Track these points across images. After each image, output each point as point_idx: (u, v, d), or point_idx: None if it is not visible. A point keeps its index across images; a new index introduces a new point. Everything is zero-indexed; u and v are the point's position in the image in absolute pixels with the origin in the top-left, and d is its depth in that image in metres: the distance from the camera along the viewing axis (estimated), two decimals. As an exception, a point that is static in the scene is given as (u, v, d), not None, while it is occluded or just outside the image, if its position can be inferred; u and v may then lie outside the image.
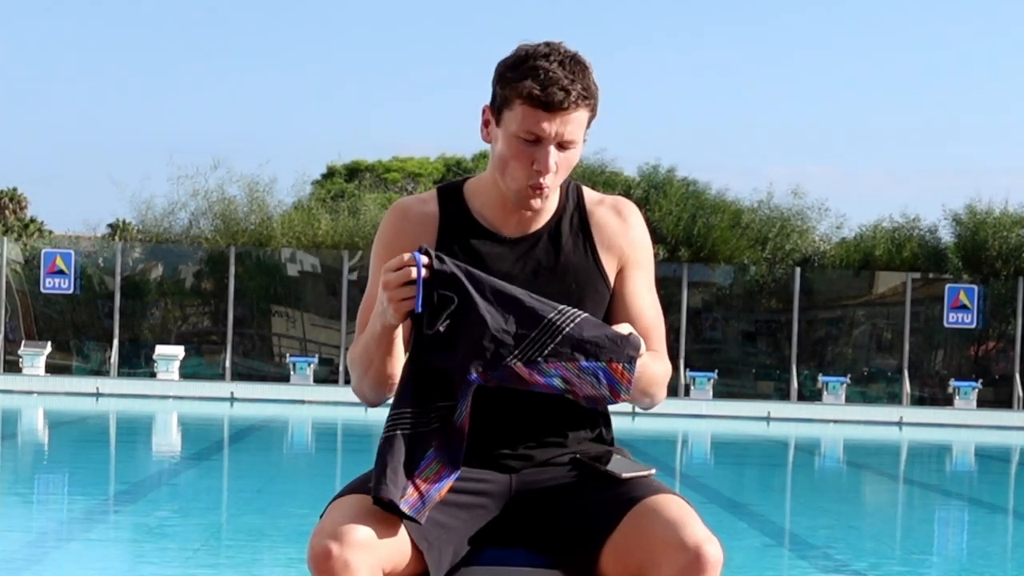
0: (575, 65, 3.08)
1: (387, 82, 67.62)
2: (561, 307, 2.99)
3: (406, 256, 2.96)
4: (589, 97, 3.10)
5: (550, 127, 3.07)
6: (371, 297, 3.21)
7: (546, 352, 2.97)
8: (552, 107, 3.05)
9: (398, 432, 2.99)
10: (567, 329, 2.97)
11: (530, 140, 3.09)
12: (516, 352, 2.96)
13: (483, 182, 3.25)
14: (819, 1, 67.32)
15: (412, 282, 2.94)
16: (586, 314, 3.01)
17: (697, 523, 2.98)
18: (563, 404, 3.13)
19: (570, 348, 2.97)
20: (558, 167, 3.11)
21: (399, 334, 3.08)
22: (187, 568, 8.34)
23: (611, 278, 3.24)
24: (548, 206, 3.23)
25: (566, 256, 3.21)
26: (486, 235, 3.21)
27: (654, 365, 3.18)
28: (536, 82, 3.05)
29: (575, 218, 3.25)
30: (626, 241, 3.25)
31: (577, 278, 3.20)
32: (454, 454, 3.01)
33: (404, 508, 2.94)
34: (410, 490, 2.96)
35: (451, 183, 3.32)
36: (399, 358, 3.11)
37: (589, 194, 3.30)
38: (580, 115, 3.10)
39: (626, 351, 2.99)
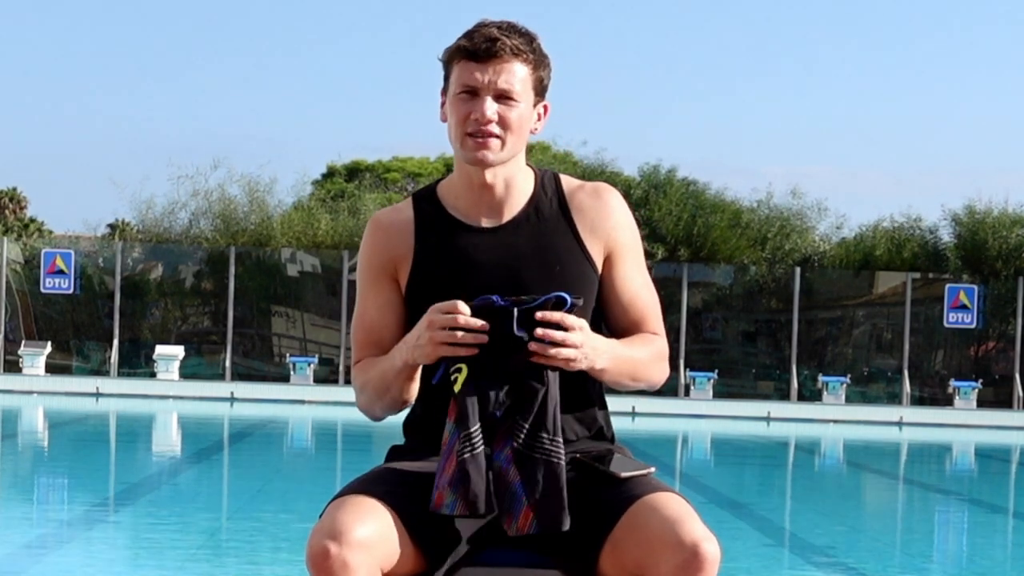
0: (512, 27, 3.14)
1: (387, 82, 67.67)
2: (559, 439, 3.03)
3: (460, 305, 2.96)
4: (524, 51, 3.12)
5: (483, 76, 3.09)
6: (360, 317, 3.25)
7: (521, 444, 3.01)
8: (480, 55, 3.09)
9: (479, 450, 3.00)
10: (540, 459, 3.01)
11: (467, 92, 3.11)
12: (520, 431, 3.02)
13: (453, 178, 3.26)
14: (818, 2, 67.35)
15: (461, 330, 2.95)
16: (563, 461, 3.02)
17: (695, 521, 2.97)
18: (562, 404, 3.14)
19: (525, 468, 3.00)
20: (503, 120, 3.11)
21: (418, 374, 3.12)
22: (187, 568, 8.34)
23: (598, 263, 3.22)
24: (522, 190, 3.22)
25: (548, 240, 3.20)
26: (463, 228, 3.21)
27: (641, 351, 3.18)
28: (467, 38, 3.12)
29: (554, 203, 3.24)
30: (610, 225, 3.23)
31: (561, 261, 3.18)
32: None
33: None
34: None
35: (425, 187, 3.34)
36: (415, 388, 3.15)
37: (567, 180, 3.29)
38: (517, 68, 3.11)
39: (551, 516, 3.00)
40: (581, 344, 2.98)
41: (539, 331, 2.95)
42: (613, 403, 3.34)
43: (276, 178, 39.91)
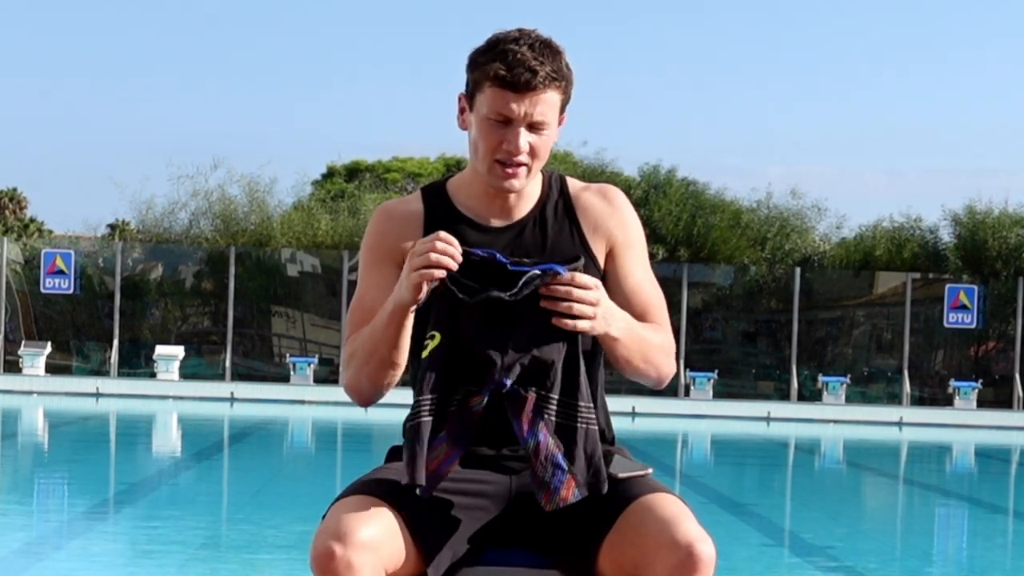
0: (544, 48, 3.10)
1: (387, 82, 67.67)
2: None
3: (443, 234, 2.99)
4: (558, 79, 3.11)
5: (519, 108, 3.08)
6: (360, 299, 3.23)
7: (553, 416, 3.02)
8: (519, 87, 3.07)
9: (418, 420, 3.02)
10: (580, 427, 3.04)
11: (500, 121, 3.10)
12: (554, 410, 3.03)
13: (465, 177, 3.28)
14: (818, 2, 67.36)
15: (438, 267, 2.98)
16: (596, 425, 3.06)
17: (690, 521, 2.97)
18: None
19: (565, 438, 3.02)
20: (532, 149, 3.12)
21: (408, 325, 3.08)
22: (187, 568, 8.34)
23: (601, 261, 3.24)
24: (530, 193, 3.24)
25: (553, 241, 3.21)
26: (472, 226, 3.22)
27: (653, 334, 3.17)
28: (503, 63, 3.07)
29: (560, 204, 3.25)
30: (614, 222, 3.25)
31: (565, 262, 3.19)
32: (464, 435, 3.03)
33: (419, 489, 3.00)
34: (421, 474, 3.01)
35: (435, 182, 3.35)
36: (405, 348, 3.11)
37: (573, 182, 3.31)
38: (550, 96, 3.11)
39: (594, 479, 3.02)
40: (597, 302, 2.99)
41: (548, 290, 2.98)
42: (613, 403, 3.34)
43: (276, 178, 39.92)
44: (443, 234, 2.99)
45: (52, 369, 31.16)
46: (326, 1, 66.27)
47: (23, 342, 31.38)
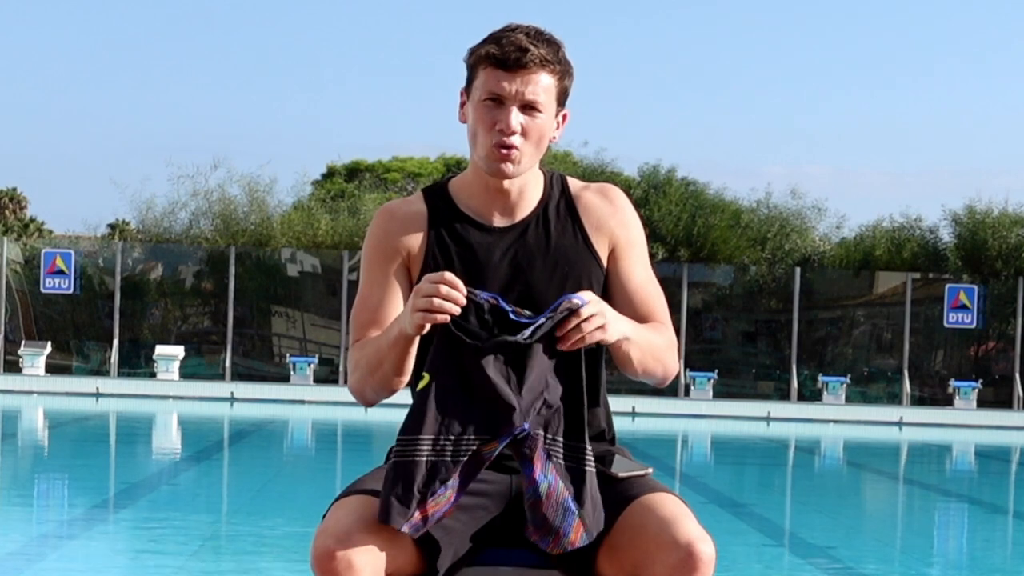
0: (539, 35, 3.14)
1: (387, 82, 67.67)
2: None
3: (448, 275, 2.97)
4: (552, 62, 3.12)
5: (510, 86, 3.10)
6: (364, 299, 3.24)
7: (561, 459, 3.02)
8: (510, 65, 3.09)
9: (413, 458, 2.99)
10: (588, 471, 3.04)
11: (494, 101, 3.11)
12: (560, 446, 3.03)
13: (466, 176, 3.28)
14: (817, 3, 67.35)
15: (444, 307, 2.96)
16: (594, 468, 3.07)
17: (690, 521, 2.98)
18: (563, 405, 3.14)
19: (574, 481, 3.02)
20: (525, 131, 3.13)
21: (412, 351, 3.09)
22: (187, 568, 8.34)
23: (604, 259, 3.25)
24: (532, 192, 3.25)
25: (556, 240, 3.22)
26: (475, 226, 3.23)
27: (657, 334, 3.20)
28: (496, 45, 3.11)
29: (562, 204, 3.27)
30: (615, 221, 3.26)
31: (569, 261, 3.21)
32: (470, 480, 3.03)
33: (405, 529, 2.97)
34: (416, 514, 2.97)
35: (436, 182, 3.36)
36: (409, 366, 3.12)
37: (573, 182, 3.32)
38: (543, 78, 3.12)
39: (597, 524, 3.02)
40: (599, 312, 3.00)
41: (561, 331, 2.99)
42: (613, 403, 3.35)
43: (276, 178, 39.91)
44: (448, 276, 2.98)
45: (52, 369, 31.15)
46: (327, 1, 66.27)
47: (23, 342, 31.38)
